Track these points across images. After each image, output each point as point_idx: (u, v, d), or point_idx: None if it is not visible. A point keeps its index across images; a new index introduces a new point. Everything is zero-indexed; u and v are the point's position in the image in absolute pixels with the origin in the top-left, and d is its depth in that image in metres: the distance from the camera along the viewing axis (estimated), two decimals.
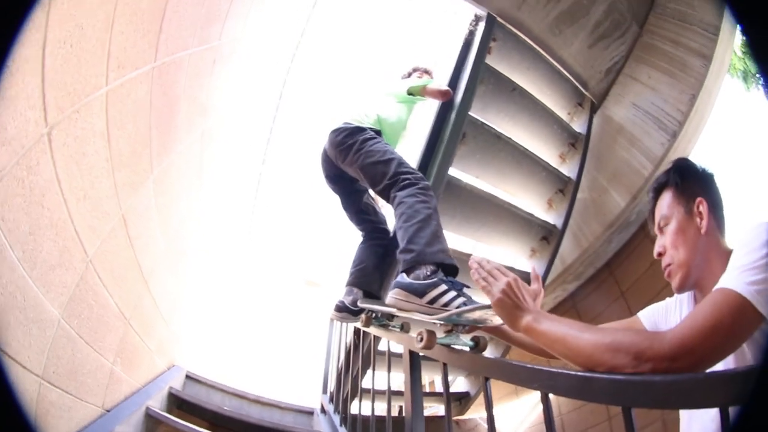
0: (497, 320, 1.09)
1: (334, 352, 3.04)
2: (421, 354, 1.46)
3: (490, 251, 3.00)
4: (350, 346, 2.49)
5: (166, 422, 2.11)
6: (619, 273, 3.42)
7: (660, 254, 1.05)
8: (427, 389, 4.63)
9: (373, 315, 1.90)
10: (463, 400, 3.48)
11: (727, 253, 0.82)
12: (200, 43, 1.53)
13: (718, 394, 0.58)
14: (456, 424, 3.56)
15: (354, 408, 2.11)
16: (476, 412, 3.64)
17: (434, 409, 3.84)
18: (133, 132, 1.37)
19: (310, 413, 2.95)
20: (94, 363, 1.60)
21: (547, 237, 2.91)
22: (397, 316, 1.64)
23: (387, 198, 1.74)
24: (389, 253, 2.16)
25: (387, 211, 2.43)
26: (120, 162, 1.38)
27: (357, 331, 2.35)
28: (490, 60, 2.66)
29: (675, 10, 2.87)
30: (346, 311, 2.02)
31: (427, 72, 2.57)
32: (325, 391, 3.03)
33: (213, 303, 3.44)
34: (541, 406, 0.87)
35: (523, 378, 0.90)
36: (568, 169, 3.06)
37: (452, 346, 1.22)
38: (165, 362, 2.44)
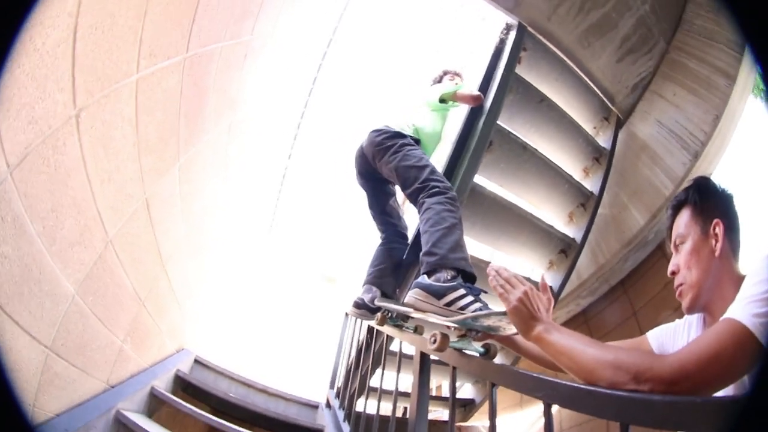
0: (511, 329, 1.11)
1: (346, 348, 3.05)
2: (432, 357, 1.48)
3: (509, 261, 2.97)
4: (362, 344, 2.50)
5: (169, 403, 2.15)
6: (633, 292, 3.36)
7: (673, 273, 1.04)
8: (434, 393, 4.59)
9: (389, 315, 1.93)
10: (467, 407, 3.50)
11: (739, 279, 0.81)
12: (232, 37, 1.56)
13: (713, 420, 0.58)
14: (458, 430, 3.57)
15: (360, 405, 2.13)
16: (479, 420, 3.63)
17: (438, 413, 3.82)
18: (162, 120, 1.41)
19: (315, 407, 2.96)
20: (104, 340, 1.64)
21: (566, 250, 2.87)
22: (412, 318, 1.66)
23: (415, 201, 1.79)
24: (406, 259, 2.19)
25: (408, 220, 2.46)
26: (147, 148, 1.41)
27: (370, 329, 2.37)
28: (519, 69, 2.64)
29: (702, 27, 2.82)
30: (364, 308, 2.07)
31: (457, 74, 2.58)
32: (332, 386, 3.05)
33: (229, 292, 3.50)
34: (542, 420, 0.85)
35: (528, 387, 0.92)
36: (591, 184, 3.02)
37: (464, 350, 1.23)
38: (175, 345, 2.49)
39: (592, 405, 0.75)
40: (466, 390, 3.59)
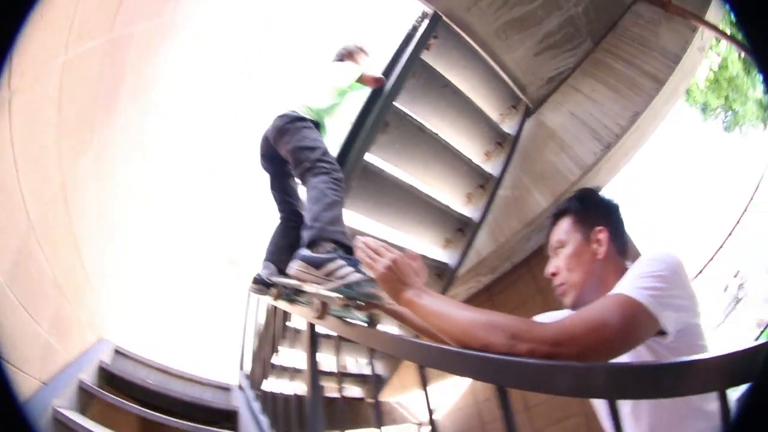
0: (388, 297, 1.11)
1: (250, 329, 3.05)
2: (317, 326, 1.58)
3: (404, 238, 3.03)
4: (265, 324, 2.52)
5: (100, 397, 2.11)
6: (538, 271, 3.18)
7: (553, 274, 1.09)
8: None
9: (284, 291, 2.00)
10: (377, 383, 3.47)
11: None
12: (153, 17, 1.56)
13: (596, 384, 0.59)
14: (371, 407, 3.58)
15: (271, 386, 2.16)
16: (392, 397, 3.73)
17: (351, 391, 3.77)
18: (82, 101, 1.39)
19: (228, 389, 2.99)
20: (32, 333, 1.58)
21: (463, 229, 3.04)
22: (305, 292, 1.69)
23: (303, 181, 1.89)
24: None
25: None
26: (66, 130, 1.39)
27: (271, 308, 2.40)
28: (428, 56, 2.73)
29: (637, 34, 2.98)
30: (261, 284, 2.15)
31: (361, 50, 2.59)
32: (242, 368, 3.05)
33: (142, 278, 3.37)
34: (456, 394, 1.00)
35: (404, 350, 0.99)
36: (492, 167, 3.18)
37: (346, 319, 1.31)
38: (95, 335, 2.40)
39: (465, 367, 0.76)
40: (373, 365, 3.68)
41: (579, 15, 2.90)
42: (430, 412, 0.91)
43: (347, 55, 2.54)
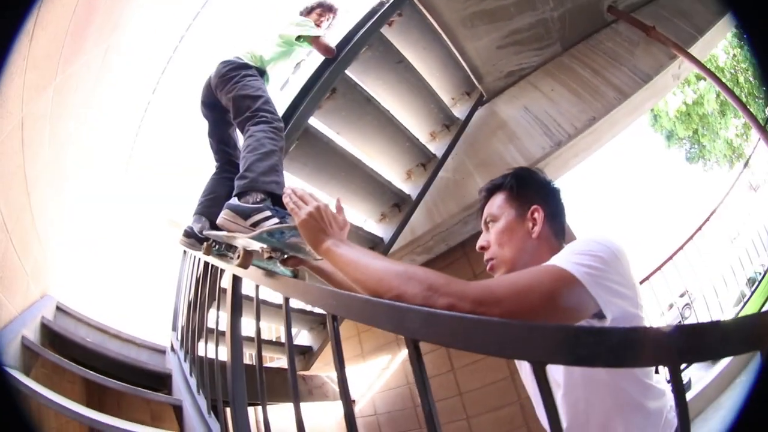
0: (312, 252, 1.05)
1: (183, 288, 2.92)
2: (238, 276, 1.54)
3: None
4: (197, 284, 2.40)
5: (43, 356, 2.04)
6: (473, 255, 3.53)
7: (483, 248, 1.06)
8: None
9: (214, 245, 1.92)
10: (306, 354, 3.56)
11: None
12: None
13: (518, 346, 0.55)
14: (302, 380, 3.56)
15: (201, 349, 2.04)
16: (322, 371, 3.69)
17: (283, 362, 3.74)
18: (53, 35, 1.35)
19: (163, 352, 2.95)
20: None
21: (400, 205, 3.07)
22: (235, 247, 1.62)
23: (242, 130, 1.83)
24: None
25: None
26: (33, 63, 1.34)
27: (206, 265, 2.31)
28: (389, 31, 2.76)
29: (610, 49, 3.07)
30: (193, 237, 2.05)
31: (330, 10, 2.54)
32: (174, 329, 2.96)
33: (84, 232, 3.22)
34: (389, 374, 0.99)
35: (313, 298, 1.00)
36: (436, 147, 3.22)
37: (270, 270, 1.30)
38: (39, 290, 2.30)
39: (375, 317, 0.73)
40: (303, 337, 3.62)
41: (553, 19, 3.01)
42: (341, 363, 0.87)
43: (310, 10, 2.50)
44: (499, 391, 3.24)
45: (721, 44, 7.24)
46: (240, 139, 2.21)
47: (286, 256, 1.28)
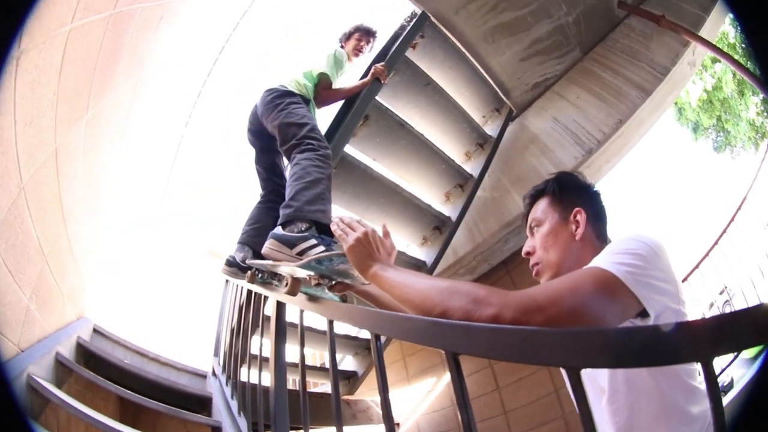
0: (360, 276, 1.05)
1: (226, 314, 3.02)
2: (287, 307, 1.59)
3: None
4: (240, 312, 2.44)
5: (77, 372, 2.11)
6: (516, 273, 3.57)
7: (528, 253, 1.09)
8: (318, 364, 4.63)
9: (258, 274, 1.93)
10: (351, 379, 3.58)
11: None
12: None
13: (551, 353, 0.54)
14: (347, 404, 3.60)
15: (243, 374, 2.10)
16: (367, 395, 3.70)
17: (328, 387, 3.74)
18: (81, 71, 1.46)
19: (204, 376, 3.00)
20: (14, 295, 1.61)
21: (440, 227, 3.11)
22: (280, 275, 1.65)
23: (289, 158, 1.83)
24: None
25: None
26: (64, 96, 1.46)
27: (249, 293, 2.33)
28: (413, 54, 2.85)
29: (627, 46, 3.10)
30: (235, 266, 2.10)
31: (368, 34, 2.57)
32: (216, 354, 3.02)
33: (122, 260, 3.39)
34: (434, 393, 1.01)
35: (356, 319, 1.03)
36: (472, 167, 3.27)
37: (318, 296, 1.30)
38: (75, 311, 2.42)
39: (414, 333, 0.75)
40: (348, 363, 3.65)
41: (569, 24, 3.03)
42: (384, 381, 0.86)
43: (348, 36, 2.56)
44: (543, 407, 3.18)
45: (729, 18, 7.04)
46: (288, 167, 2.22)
47: (333, 282, 1.29)
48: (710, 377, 0.46)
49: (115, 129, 2.16)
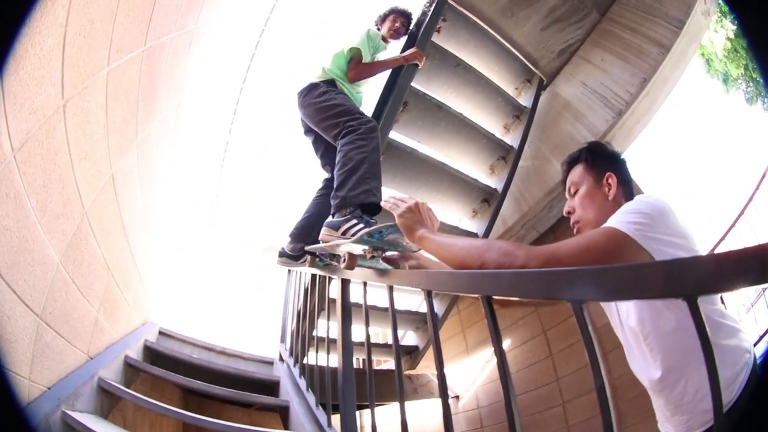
0: (409, 243, 1.21)
1: (291, 302, 3.19)
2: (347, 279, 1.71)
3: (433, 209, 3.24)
4: (304, 297, 2.62)
5: (145, 371, 2.31)
6: (563, 238, 3.68)
7: (569, 213, 1.25)
8: (381, 341, 4.79)
9: (317, 258, 2.09)
10: (413, 354, 3.70)
11: None
12: (180, 28, 1.75)
13: (569, 289, 0.63)
14: (408, 379, 3.72)
15: (312, 356, 2.23)
16: (428, 369, 3.82)
17: (390, 364, 3.99)
18: (125, 104, 1.60)
19: (270, 363, 3.16)
20: (82, 309, 1.81)
21: (488, 199, 3.20)
22: (338, 255, 1.75)
23: (336, 145, 1.88)
24: None
25: None
26: (113, 128, 1.61)
27: (313, 278, 2.45)
28: (438, 38, 2.89)
29: (640, 3, 3.09)
30: (286, 256, 2.25)
31: (403, 15, 2.57)
32: (282, 341, 3.18)
33: (182, 265, 3.67)
34: (492, 362, 1.12)
35: (413, 281, 1.15)
36: (512, 139, 3.33)
37: (374, 268, 1.44)
38: (140, 318, 2.67)
39: (457, 284, 0.90)
40: (410, 337, 3.78)
41: None
42: (437, 336, 0.98)
43: (383, 18, 2.58)
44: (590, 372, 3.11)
45: None
46: None
47: (386, 253, 1.43)
48: (694, 313, 0.50)
49: (164, 147, 2.34)
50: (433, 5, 2.79)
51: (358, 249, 1.46)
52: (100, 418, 1.77)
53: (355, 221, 1.51)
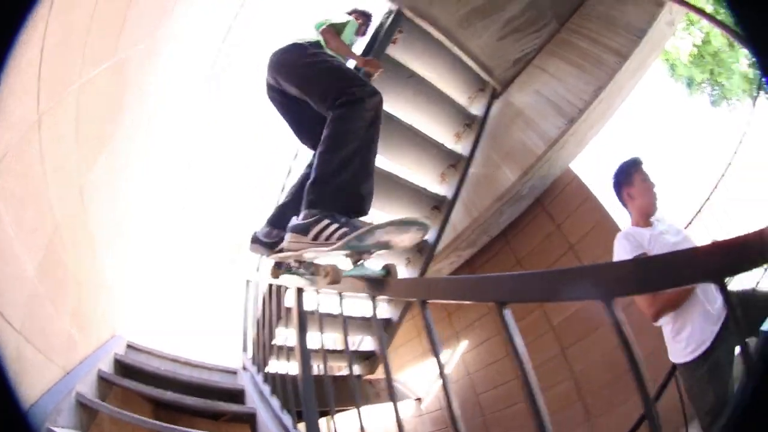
0: (403, 240, 1.14)
1: (250, 311, 3.18)
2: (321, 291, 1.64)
3: (385, 216, 3.05)
4: (263, 308, 2.62)
5: (119, 384, 2.30)
6: (515, 243, 3.82)
7: None
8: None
9: (281, 266, 1.80)
10: (371, 359, 3.75)
11: None
12: (148, 37, 1.77)
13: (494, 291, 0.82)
14: (369, 383, 3.77)
15: (273, 364, 2.27)
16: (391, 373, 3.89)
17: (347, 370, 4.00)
18: (94, 116, 1.61)
19: (234, 372, 3.18)
20: (57, 324, 1.78)
21: (439, 207, 3.29)
22: (311, 263, 1.58)
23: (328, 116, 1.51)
24: None
25: None
26: (84, 141, 1.61)
27: (269, 287, 2.43)
28: (395, 49, 2.94)
29: (602, 12, 3.15)
30: (258, 243, 1.80)
31: (364, 15, 2.41)
32: (245, 350, 3.19)
33: (149, 276, 3.59)
34: (450, 365, 1.15)
35: (405, 291, 1.18)
36: (462, 147, 3.43)
37: (364, 276, 1.26)
38: (108, 331, 2.62)
39: (396, 289, 0.97)
40: (367, 343, 3.83)
41: None
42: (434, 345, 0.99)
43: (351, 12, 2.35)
44: (586, 318, 3.23)
45: None
46: None
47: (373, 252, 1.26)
48: (611, 314, 0.61)
49: (132, 158, 2.31)
50: (391, 17, 2.85)
51: (338, 256, 1.28)
52: None
53: (327, 221, 1.26)
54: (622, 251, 1.57)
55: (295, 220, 1.39)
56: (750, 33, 0.51)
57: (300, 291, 1.78)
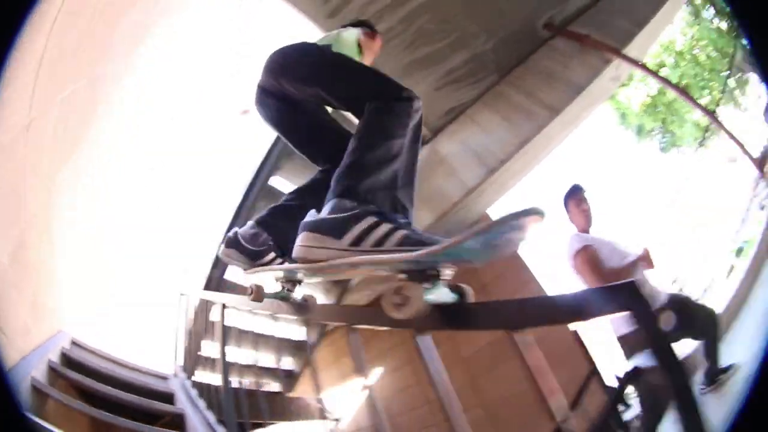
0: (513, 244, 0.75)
1: (182, 324, 3.26)
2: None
3: None
4: (194, 320, 2.77)
5: (67, 376, 2.39)
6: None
7: None
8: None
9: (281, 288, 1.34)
10: (290, 378, 3.90)
11: None
12: (121, 59, 2.00)
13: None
14: (290, 401, 3.88)
15: (200, 376, 2.48)
16: (306, 393, 3.97)
17: (275, 386, 4.06)
18: (70, 125, 1.81)
19: (166, 378, 3.29)
20: (18, 312, 1.89)
21: None
22: (306, 281, 1.24)
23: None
24: None
25: None
26: (58, 146, 1.79)
27: (202, 303, 2.60)
28: None
29: (546, 67, 3.14)
30: (236, 248, 1.30)
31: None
32: (176, 359, 3.27)
33: (97, 275, 3.65)
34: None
35: (334, 316, 1.46)
36: None
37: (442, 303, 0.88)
38: (56, 325, 2.70)
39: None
40: (287, 362, 3.94)
41: (487, 52, 3.11)
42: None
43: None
44: (494, 352, 3.50)
45: (679, 27, 7.20)
46: None
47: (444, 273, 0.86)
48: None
49: (97, 162, 2.47)
50: None
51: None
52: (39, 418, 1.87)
53: (374, 218, 0.90)
54: (575, 243, 1.97)
55: (314, 216, 0.97)
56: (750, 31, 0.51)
57: (224, 307, 1.93)
